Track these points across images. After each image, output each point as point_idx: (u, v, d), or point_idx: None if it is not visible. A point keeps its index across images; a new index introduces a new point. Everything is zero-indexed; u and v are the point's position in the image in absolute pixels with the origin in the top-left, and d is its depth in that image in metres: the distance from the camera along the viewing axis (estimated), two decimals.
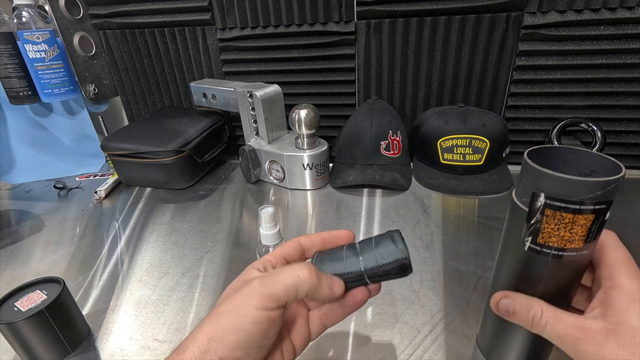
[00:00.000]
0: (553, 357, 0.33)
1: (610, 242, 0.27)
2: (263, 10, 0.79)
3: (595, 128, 0.71)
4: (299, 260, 0.31)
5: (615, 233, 0.27)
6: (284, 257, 0.30)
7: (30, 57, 0.78)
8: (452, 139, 0.73)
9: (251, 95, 0.75)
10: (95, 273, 0.57)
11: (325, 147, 0.76)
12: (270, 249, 0.44)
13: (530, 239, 0.27)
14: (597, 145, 0.71)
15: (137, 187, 0.83)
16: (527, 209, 0.26)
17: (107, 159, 0.94)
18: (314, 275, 0.26)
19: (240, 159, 0.81)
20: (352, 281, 0.29)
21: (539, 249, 0.27)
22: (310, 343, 0.31)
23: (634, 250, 0.53)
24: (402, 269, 0.28)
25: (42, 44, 0.77)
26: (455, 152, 0.73)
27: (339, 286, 0.28)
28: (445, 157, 0.74)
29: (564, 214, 0.25)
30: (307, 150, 0.74)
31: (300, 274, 0.25)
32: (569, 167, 0.28)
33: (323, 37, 0.80)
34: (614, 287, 0.24)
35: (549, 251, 0.27)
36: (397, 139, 0.77)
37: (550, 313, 0.25)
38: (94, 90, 0.90)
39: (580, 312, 0.26)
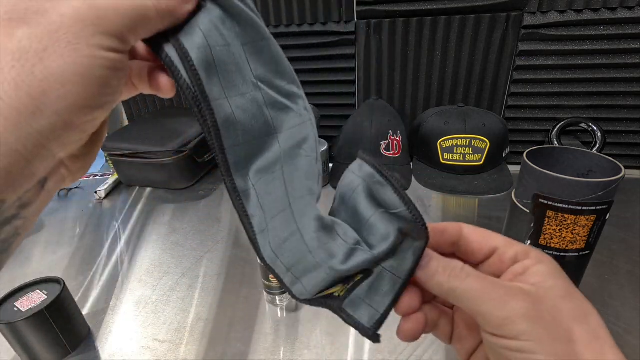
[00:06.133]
0: None
1: (469, 229, 0.22)
2: (263, 10, 0.79)
3: (595, 128, 0.71)
4: None
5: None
6: None
7: None
8: (452, 139, 0.73)
9: None
10: (95, 273, 0.57)
11: (325, 147, 0.76)
12: None
13: (531, 240, 0.27)
14: (597, 145, 0.71)
15: (137, 187, 0.82)
16: (527, 211, 0.26)
17: (107, 159, 0.94)
18: None
19: None
20: None
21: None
22: (311, 344, 0.30)
23: (635, 250, 0.53)
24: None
25: None
26: (455, 152, 0.73)
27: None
28: (445, 157, 0.74)
29: (566, 215, 0.25)
30: None
31: None
32: (567, 168, 0.28)
33: (323, 37, 0.80)
34: (530, 257, 0.20)
35: (551, 252, 0.27)
36: (397, 139, 0.77)
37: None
38: None
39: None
